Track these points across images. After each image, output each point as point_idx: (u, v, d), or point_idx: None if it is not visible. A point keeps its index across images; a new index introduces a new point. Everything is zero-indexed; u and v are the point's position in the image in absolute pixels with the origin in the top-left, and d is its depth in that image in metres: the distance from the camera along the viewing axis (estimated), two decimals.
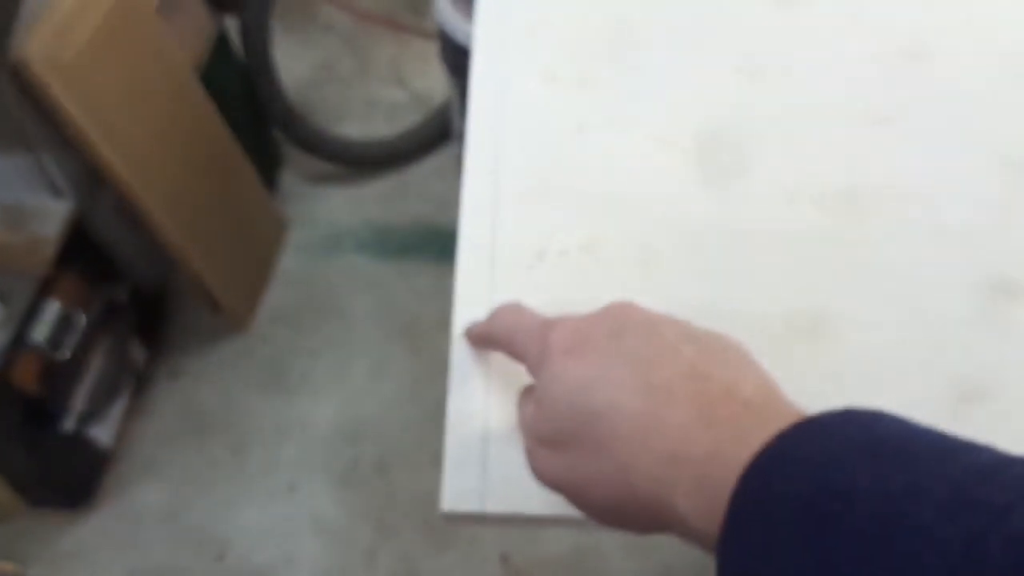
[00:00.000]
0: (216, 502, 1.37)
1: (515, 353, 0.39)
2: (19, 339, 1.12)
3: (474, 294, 0.47)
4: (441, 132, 1.76)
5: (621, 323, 0.34)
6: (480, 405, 0.44)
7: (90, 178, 1.20)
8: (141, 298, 1.40)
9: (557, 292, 0.48)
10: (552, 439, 0.34)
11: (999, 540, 0.22)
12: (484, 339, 0.43)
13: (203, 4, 1.45)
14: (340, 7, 1.94)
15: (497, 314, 0.41)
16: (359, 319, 1.58)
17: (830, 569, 0.24)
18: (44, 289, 1.16)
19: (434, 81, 1.92)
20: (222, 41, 1.51)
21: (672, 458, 0.30)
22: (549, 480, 0.35)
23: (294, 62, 1.97)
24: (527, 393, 0.39)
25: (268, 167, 1.70)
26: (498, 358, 0.45)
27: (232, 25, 1.56)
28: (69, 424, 1.21)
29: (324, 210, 1.73)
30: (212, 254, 1.41)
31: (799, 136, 0.55)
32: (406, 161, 1.78)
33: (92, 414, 1.26)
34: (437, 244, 1.67)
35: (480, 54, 0.58)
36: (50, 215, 1.17)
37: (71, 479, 1.31)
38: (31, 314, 1.13)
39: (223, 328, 1.55)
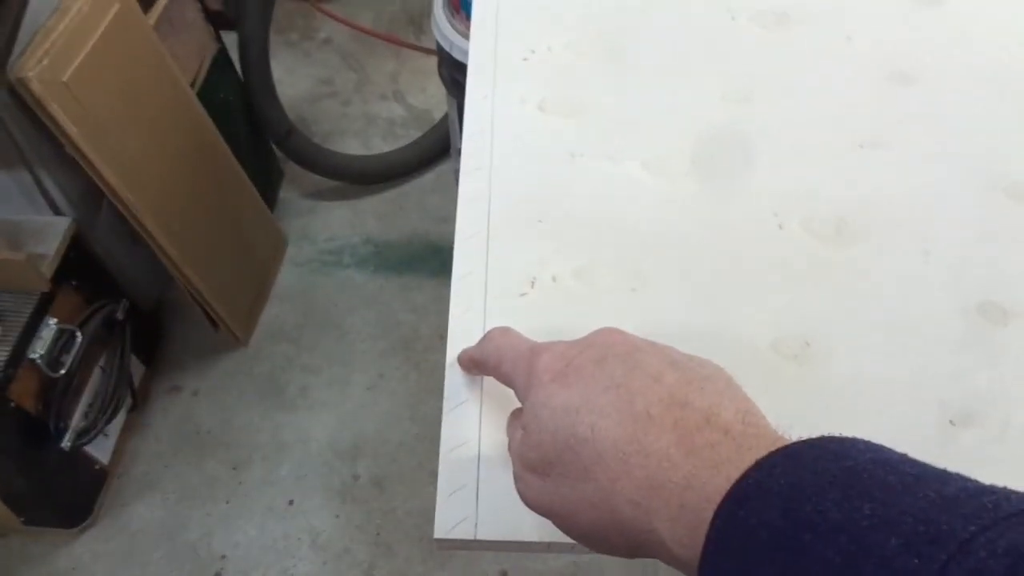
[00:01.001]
0: (214, 519, 1.37)
1: (504, 377, 0.40)
2: (17, 356, 1.12)
3: (468, 321, 0.48)
4: (440, 147, 1.77)
5: (605, 350, 0.35)
6: (473, 433, 0.44)
7: (89, 195, 1.21)
8: (139, 314, 1.40)
9: (549, 319, 0.48)
10: (538, 465, 0.34)
11: (961, 573, 0.22)
12: (475, 364, 0.43)
13: (203, 21, 1.46)
14: (340, 22, 1.96)
15: (487, 338, 0.41)
16: (358, 334, 1.58)
17: None
18: (42, 306, 1.16)
19: (433, 96, 1.94)
20: (221, 57, 1.52)
21: (652, 484, 0.30)
22: (536, 505, 0.36)
23: (294, 77, 1.98)
24: (514, 419, 0.40)
25: (267, 183, 1.71)
26: (491, 385, 0.45)
27: (231, 41, 1.57)
28: (67, 441, 1.21)
29: (323, 225, 1.74)
30: (211, 270, 1.41)
31: (789, 161, 0.56)
32: (405, 176, 1.79)
33: (90, 431, 1.26)
34: (436, 259, 1.67)
35: (474, 82, 0.59)
36: (49, 233, 1.18)
37: (68, 497, 1.31)
38: (29, 331, 1.14)
39: (222, 344, 1.55)
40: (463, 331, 0.47)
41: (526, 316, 0.48)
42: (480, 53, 0.61)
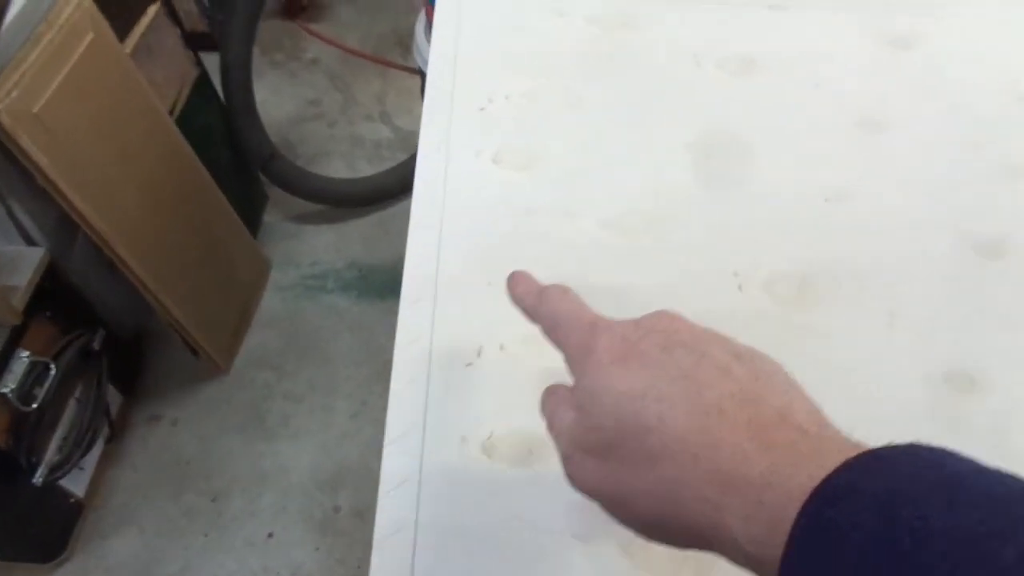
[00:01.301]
0: (192, 552, 1.34)
1: (555, 343, 0.38)
2: None
3: (411, 394, 0.46)
4: None
5: (670, 337, 0.33)
6: (410, 518, 0.42)
7: (63, 225, 1.19)
8: (117, 343, 1.38)
9: (495, 391, 0.46)
10: (596, 448, 0.33)
11: None
12: (526, 313, 0.40)
13: (182, 47, 1.44)
14: (327, 43, 1.94)
15: (545, 299, 0.39)
16: (341, 361, 1.56)
17: None
18: (13, 339, 1.14)
19: (419, 118, 1.92)
20: (202, 82, 1.50)
21: (725, 479, 0.29)
22: (589, 487, 0.34)
23: (280, 98, 1.97)
24: (553, 396, 0.37)
25: (251, 207, 1.69)
26: (431, 465, 0.43)
27: (213, 63, 1.55)
28: (39, 476, 1.19)
29: (307, 249, 1.72)
30: (191, 298, 1.39)
31: (752, 216, 0.54)
32: (389, 200, 1.77)
33: (64, 465, 1.23)
34: None
35: (427, 132, 0.57)
36: (21, 263, 1.16)
37: (42, 531, 1.29)
38: (0, 365, 1.12)
39: (203, 372, 1.53)
40: (406, 405, 0.45)
41: (471, 387, 0.46)
42: (435, 101, 0.59)
